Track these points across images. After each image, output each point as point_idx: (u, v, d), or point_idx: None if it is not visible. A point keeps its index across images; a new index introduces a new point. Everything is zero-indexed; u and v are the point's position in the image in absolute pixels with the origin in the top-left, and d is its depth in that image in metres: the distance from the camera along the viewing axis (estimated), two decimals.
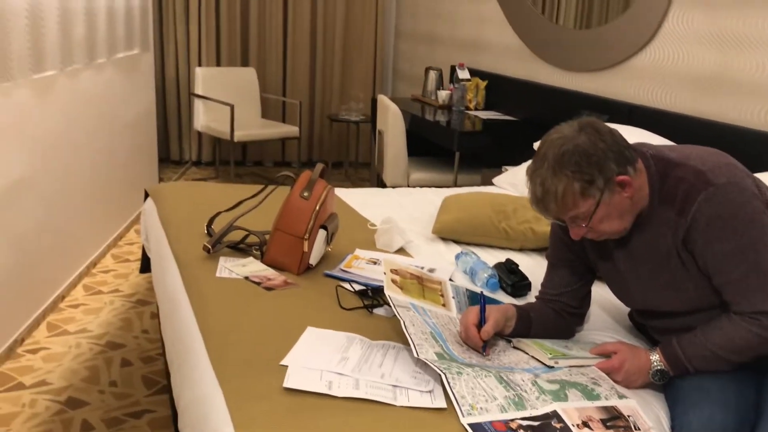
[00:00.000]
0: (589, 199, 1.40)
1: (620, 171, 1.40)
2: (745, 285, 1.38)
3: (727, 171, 1.41)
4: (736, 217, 1.36)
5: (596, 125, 1.42)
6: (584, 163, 1.37)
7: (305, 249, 1.94)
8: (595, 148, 1.38)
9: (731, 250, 1.38)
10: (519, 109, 4.01)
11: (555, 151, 1.39)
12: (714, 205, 1.38)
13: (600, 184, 1.38)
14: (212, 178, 5.45)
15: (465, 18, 4.70)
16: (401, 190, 3.02)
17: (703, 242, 1.40)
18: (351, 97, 5.87)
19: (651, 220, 1.48)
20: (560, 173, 1.38)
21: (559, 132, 1.43)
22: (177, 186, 2.71)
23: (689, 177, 1.42)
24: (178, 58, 5.55)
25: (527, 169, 1.45)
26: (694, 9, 2.79)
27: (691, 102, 2.81)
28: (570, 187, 1.38)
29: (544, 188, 1.40)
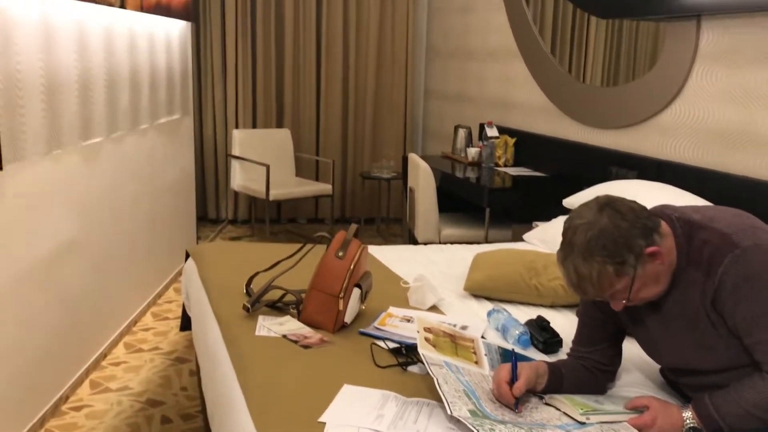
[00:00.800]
0: (624, 277, 1.44)
1: (648, 243, 1.44)
2: None
3: (752, 233, 1.45)
4: (763, 279, 1.40)
5: (614, 204, 1.46)
6: (612, 246, 1.41)
7: (340, 307, 2.00)
8: (618, 229, 1.42)
9: (759, 312, 1.40)
10: (548, 166, 4.07)
11: (581, 239, 1.43)
12: (740, 267, 1.41)
13: (632, 261, 1.43)
14: (248, 235, 5.57)
15: (493, 77, 4.83)
16: (433, 247, 3.08)
17: (731, 304, 1.43)
18: (382, 155, 6.00)
19: (680, 282, 1.52)
20: (591, 260, 1.42)
21: (581, 216, 1.47)
22: (216, 246, 2.81)
23: (714, 239, 1.46)
24: (216, 121, 5.76)
25: (557, 256, 1.50)
26: (716, 66, 2.85)
27: (719, 157, 2.84)
28: (604, 270, 1.43)
29: (579, 275, 1.45)
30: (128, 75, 3.37)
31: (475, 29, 5.08)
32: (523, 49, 4.36)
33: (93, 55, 2.95)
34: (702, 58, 2.94)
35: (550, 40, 4.13)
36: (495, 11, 4.75)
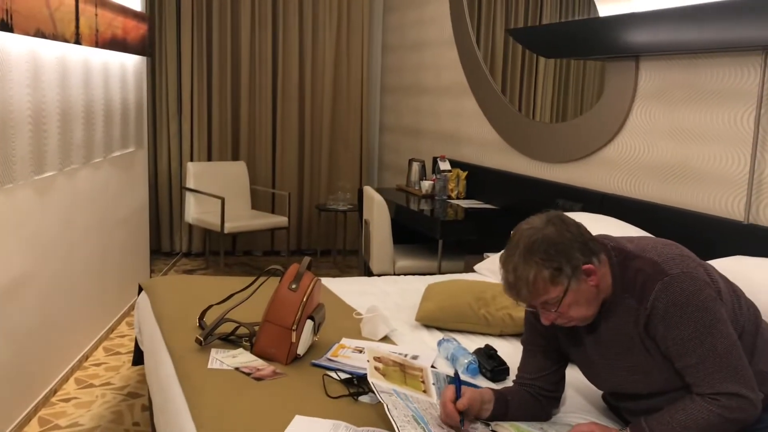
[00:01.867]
0: (558, 286, 1.52)
1: (586, 260, 1.53)
2: (703, 368, 1.49)
3: (680, 262, 1.54)
4: (690, 305, 1.49)
5: (563, 218, 1.56)
6: (552, 252, 1.49)
7: (293, 339, 2.04)
8: (562, 237, 1.51)
9: (688, 336, 1.49)
10: (498, 198, 4.18)
11: (525, 241, 1.52)
12: (670, 294, 1.50)
13: (568, 271, 1.50)
14: (202, 268, 5.55)
15: (445, 112, 4.95)
16: (387, 279, 3.14)
17: (663, 329, 1.52)
18: (338, 187, 6.06)
19: (615, 309, 1.60)
20: (530, 261, 1.50)
21: (530, 223, 1.56)
22: (169, 280, 2.81)
23: (646, 268, 1.55)
24: (171, 153, 5.76)
25: (500, 257, 1.58)
26: (654, 104, 3.00)
27: (658, 191, 2.98)
28: (540, 273, 1.50)
29: (516, 275, 1.52)
30: (82, 109, 3.38)
31: (428, 66, 5.22)
32: (473, 85, 4.50)
33: (47, 89, 2.96)
34: (641, 96, 3.09)
35: (501, 78, 4.27)
36: (446, 49, 4.89)
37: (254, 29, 5.77)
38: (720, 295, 1.54)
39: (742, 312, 1.59)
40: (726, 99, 2.64)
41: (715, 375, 1.49)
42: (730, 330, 1.50)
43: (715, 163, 2.68)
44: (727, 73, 2.63)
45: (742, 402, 1.47)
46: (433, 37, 5.11)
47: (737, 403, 1.47)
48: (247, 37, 5.73)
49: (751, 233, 2.48)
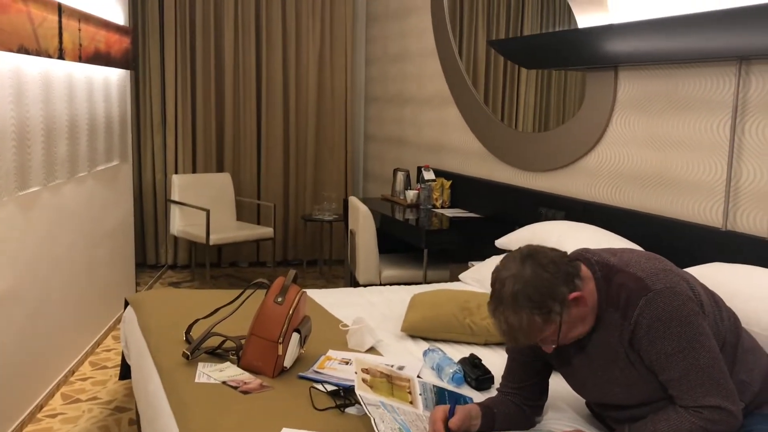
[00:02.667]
0: (552, 324, 1.54)
1: (570, 289, 1.54)
2: (686, 381, 1.53)
3: (663, 277, 1.57)
4: (674, 320, 1.52)
5: (537, 255, 1.56)
6: (537, 297, 1.51)
7: (280, 352, 2.05)
8: (542, 280, 1.52)
9: (672, 350, 1.52)
10: (482, 207, 4.22)
11: (508, 291, 1.53)
12: (653, 309, 1.53)
13: (557, 309, 1.52)
14: (188, 280, 5.54)
15: (429, 123, 4.99)
16: (372, 289, 3.16)
17: (647, 343, 1.55)
18: (324, 197, 6.08)
19: (600, 322, 1.63)
20: (519, 311, 1.51)
21: (507, 269, 1.56)
22: (155, 294, 2.82)
23: (630, 283, 1.58)
24: (155, 166, 5.75)
25: (488, 307, 1.59)
26: (633, 113, 3.05)
27: (638, 198, 3.03)
28: (532, 320, 1.52)
29: (509, 325, 1.54)
30: (67, 123, 3.38)
31: (411, 76, 5.26)
32: (456, 96, 4.54)
33: (31, 105, 2.97)
34: (620, 106, 3.14)
35: (483, 88, 4.32)
36: (429, 59, 4.94)
37: (238, 41, 5.79)
38: (702, 308, 1.57)
39: (723, 323, 1.63)
40: (703, 108, 2.69)
41: (698, 389, 1.52)
42: (712, 343, 1.53)
43: (693, 171, 2.74)
44: (703, 82, 2.68)
45: (724, 415, 1.50)
46: (416, 48, 5.16)
47: (719, 415, 1.50)
48: (231, 49, 5.75)
49: (729, 240, 2.53)
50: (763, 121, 2.44)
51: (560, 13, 3.59)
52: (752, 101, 2.48)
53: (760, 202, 2.46)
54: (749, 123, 2.49)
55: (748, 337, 1.70)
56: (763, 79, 2.43)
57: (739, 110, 2.52)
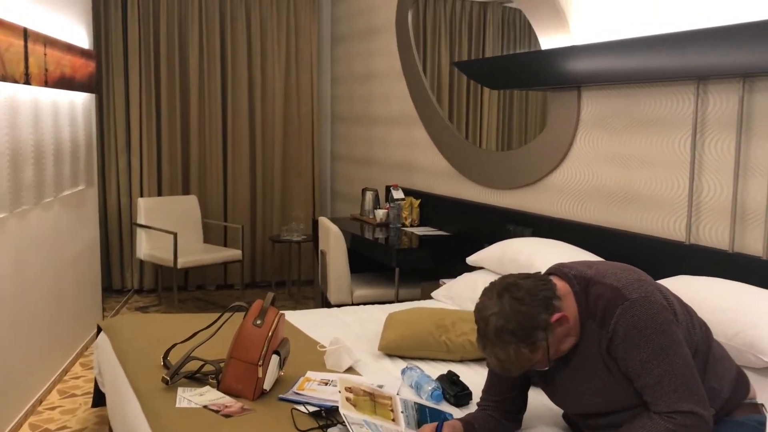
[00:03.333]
0: (539, 351, 1.61)
1: (550, 313, 1.60)
2: (660, 387, 1.58)
3: (639, 286, 1.64)
4: (649, 327, 1.58)
5: (511, 291, 1.61)
6: (520, 331, 1.57)
7: (260, 375, 2.06)
8: (520, 313, 1.58)
9: (647, 357, 1.58)
10: (451, 225, 4.28)
11: (492, 330, 1.59)
12: (629, 317, 1.59)
13: (542, 336, 1.59)
14: (155, 304, 5.48)
15: (396, 142, 5.05)
16: (346, 309, 3.18)
17: (623, 351, 1.61)
18: (292, 218, 6.08)
19: (581, 333, 1.68)
20: (506, 346, 1.58)
21: (486, 308, 1.61)
22: (128, 319, 2.79)
23: (607, 293, 1.64)
24: (120, 189, 5.70)
25: (478, 344, 1.64)
26: (596, 131, 3.15)
27: (604, 214, 3.11)
28: (519, 352, 1.58)
29: (499, 360, 1.61)
30: (32, 149, 3.34)
31: (377, 97, 5.32)
32: (423, 116, 4.61)
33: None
34: (584, 124, 3.23)
35: (448, 107, 4.40)
36: (395, 80, 5.00)
37: (203, 63, 5.78)
38: (676, 316, 1.64)
39: (695, 332, 1.69)
40: (664, 126, 2.79)
41: (671, 394, 1.57)
42: (685, 351, 1.59)
43: (656, 187, 2.83)
44: (664, 101, 2.79)
45: (696, 420, 1.56)
46: (382, 69, 5.22)
47: (692, 420, 1.56)
48: (196, 71, 5.75)
49: (693, 253, 2.62)
50: (721, 138, 2.54)
51: (520, 35, 3.69)
52: (710, 119, 2.58)
53: (720, 215, 2.56)
54: (708, 140, 2.59)
55: (718, 347, 1.77)
56: (720, 97, 2.54)
57: (699, 128, 2.62)
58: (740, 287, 2.21)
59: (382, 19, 5.18)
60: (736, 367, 1.78)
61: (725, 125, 2.52)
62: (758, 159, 2.41)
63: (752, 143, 2.43)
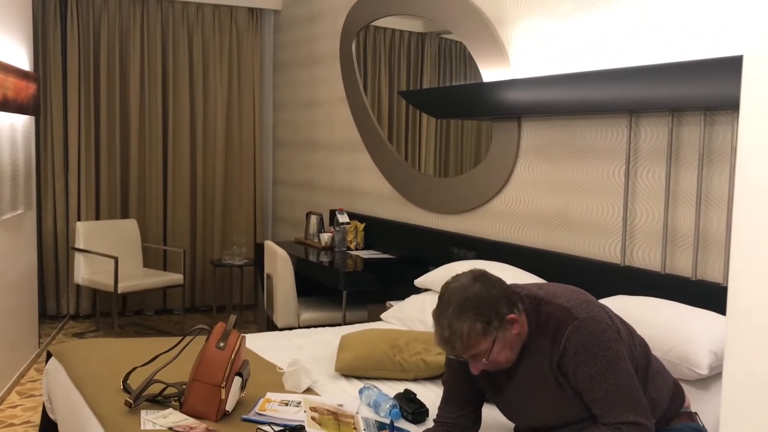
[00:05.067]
0: (488, 338, 1.70)
1: (509, 311, 1.73)
2: (608, 401, 1.72)
3: (586, 307, 1.78)
4: (596, 345, 1.72)
5: (487, 275, 1.75)
6: (483, 307, 1.69)
7: (223, 396, 2.10)
8: (489, 294, 1.71)
9: (595, 372, 1.71)
10: (396, 248, 4.39)
11: (457, 298, 1.69)
12: (578, 336, 1.73)
13: (496, 323, 1.70)
14: (92, 330, 5.36)
15: (340, 167, 5.15)
16: (298, 332, 3.23)
17: (573, 367, 1.73)
18: (233, 242, 6.07)
19: (530, 350, 1.80)
20: (464, 316, 1.68)
21: (458, 281, 1.74)
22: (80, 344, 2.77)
23: (557, 313, 1.77)
24: (56, 213, 5.58)
25: (432, 313, 1.74)
26: (536, 159, 3.33)
27: (544, 238, 3.28)
28: (473, 327, 1.68)
29: (451, 330, 1.69)
30: None
31: (321, 123, 5.42)
32: (367, 142, 4.73)
33: None
34: (524, 153, 3.41)
35: (387, 134, 4.53)
36: (339, 107, 5.11)
37: (143, 87, 5.76)
38: (620, 334, 1.78)
39: (636, 348, 1.84)
40: (599, 156, 2.99)
41: (617, 407, 1.71)
42: (629, 366, 1.74)
43: (593, 212, 3.02)
44: (599, 133, 2.99)
45: (640, 429, 1.70)
46: (325, 96, 5.33)
47: (637, 430, 1.70)
48: (137, 93, 5.71)
49: (628, 274, 2.80)
50: (652, 167, 2.75)
51: (457, 65, 3.88)
52: (642, 149, 2.79)
53: (652, 239, 2.75)
54: (640, 169, 2.79)
55: (656, 361, 1.92)
56: (651, 130, 2.75)
57: (632, 157, 2.83)
58: (673, 306, 2.40)
59: (325, 48, 5.29)
60: (672, 380, 1.94)
61: (656, 155, 2.73)
62: (686, 187, 2.62)
63: (680, 172, 2.64)
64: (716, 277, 2.51)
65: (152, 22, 5.74)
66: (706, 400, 2.13)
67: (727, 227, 2.46)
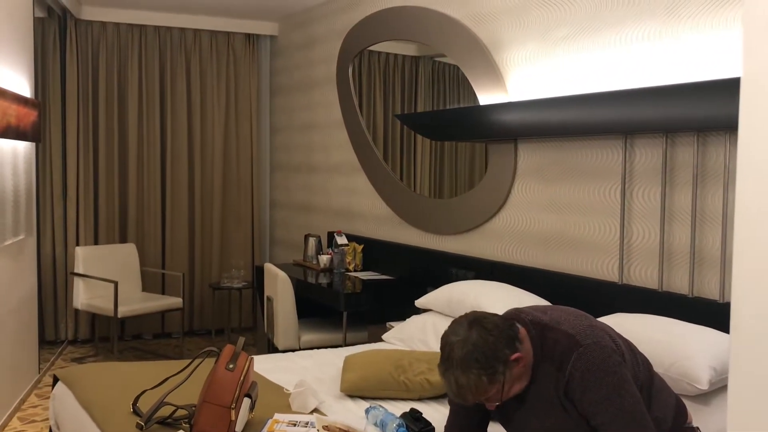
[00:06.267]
0: (496, 384, 1.75)
1: (511, 351, 1.77)
2: (614, 425, 1.75)
3: (591, 333, 1.82)
4: (601, 370, 1.76)
5: (482, 321, 1.78)
6: (483, 360, 1.72)
7: (233, 418, 2.13)
8: (487, 342, 1.74)
9: (601, 398, 1.75)
10: (395, 269, 4.44)
11: (458, 354, 1.73)
12: (584, 362, 1.77)
13: (501, 369, 1.74)
14: (91, 355, 5.36)
15: (337, 189, 5.21)
16: (302, 354, 3.26)
17: (579, 393, 1.77)
18: (231, 265, 6.10)
19: (536, 375, 1.84)
20: (468, 372, 1.72)
21: (455, 333, 1.77)
22: (87, 368, 2.80)
23: (563, 339, 1.81)
24: (55, 239, 5.60)
25: (439, 368, 1.78)
26: (532, 180, 3.39)
27: (542, 257, 3.34)
28: (479, 380, 1.72)
29: (459, 385, 1.74)
30: None
31: (318, 146, 5.48)
32: (364, 164, 4.79)
33: None
34: (521, 174, 3.48)
35: (383, 156, 4.60)
36: (336, 130, 5.18)
37: (142, 111, 5.82)
38: (624, 358, 1.82)
39: (639, 368, 1.88)
40: (595, 176, 3.05)
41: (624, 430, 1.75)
42: (634, 389, 1.78)
43: (590, 231, 3.08)
44: (595, 154, 3.06)
45: None
46: (323, 120, 5.40)
47: None
48: (135, 119, 5.77)
49: (625, 292, 2.86)
50: (647, 187, 2.81)
51: (450, 87, 3.96)
52: (637, 170, 2.86)
53: (649, 257, 2.81)
54: (636, 189, 2.86)
55: (659, 379, 1.96)
56: (645, 150, 2.82)
57: (627, 177, 2.90)
58: (671, 322, 2.45)
59: (321, 73, 5.38)
60: (674, 396, 1.98)
61: (651, 175, 2.80)
62: (681, 206, 2.69)
63: (675, 192, 2.71)
64: (713, 294, 2.57)
65: (150, 49, 5.82)
66: (707, 415, 2.18)
67: (722, 245, 2.52)
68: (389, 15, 4.40)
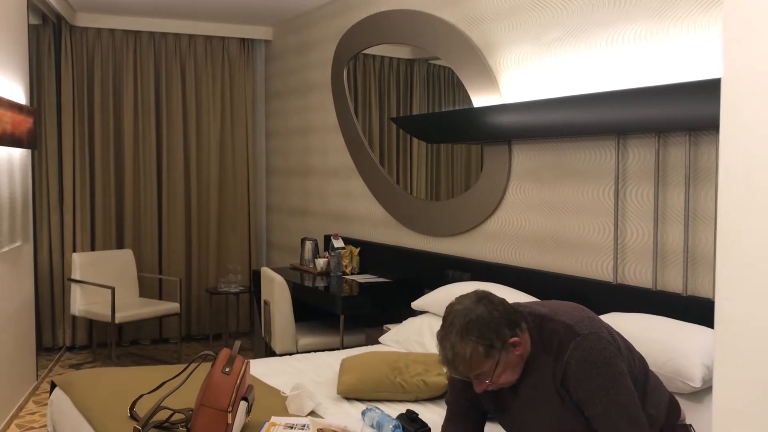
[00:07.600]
0: (490, 360, 1.76)
1: (512, 334, 1.78)
2: (608, 416, 1.77)
3: (588, 323, 1.84)
4: (598, 360, 1.77)
5: (490, 297, 1.81)
6: (485, 330, 1.74)
7: (229, 421, 2.14)
8: (492, 316, 1.76)
9: (596, 387, 1.77)
10: (391, 272, 4.45)
11: (460, 321, 1.75)
12: (580, 351, 1.78)
13: (498, 346, 1.75)
14: (89, 361, 5.36)
15: (333, 193, 5.22)
16: (298, 357, 3.27)
17: (575, 383, 1.79)
18: (228, 269, 6.11)
19: (534, 366, 1.86)
20: (467, 339, 1.73)
21: (461, 303, 1.79)
22: (83, 374, 2.80)
23: (560, 329, 1.83)
24: (52, 245, 5.60)
25: (437, 335, 1.80)
26: (527, 182, 3.41)
27: (537, 258, 3.35)
28: (476, 350, 1.73)
29: (454, 352, 1.75)
30: None
31: (314, 150, 5.50)
32: (360, 168, 4.81)
33: None
34: (515, 175, 3.50)
35: (379, 159, 4.61)
36: (332, 134, 5.20)
37: (137, 117, 5.83)
38: (620, 350, 1.84)
39: (635, 364, 1.90)
40: (589, 177, 3.07)
41: (618, 422, 1.76)
42: (629, 382, 1.79)
43: (584, 232, 3.09)
44: (588, 154, 3.07)
45: None
46: (318, 123, 5.41)
47: None
48: (131, 125, 5.78)
49: (620, 292, 2.87)
50: (640, 187, 2.83)
51: (445, 90, 3.98)
52: (630, 170, 2.88)
53: (642, 257, 2.83)
54: (629, 189, 2.88)
55: (654, 377, 1.98)
56: (638, 151, 2.84)
57: (621, 178, 2.91)
58: (666, 321, 2.47)
59: (316, 77, 5.39)
60: (668, 393, 1.99)
61: (644, 175, 2.82)
62: (674, 205, 2.70)
63: (668, 191, 2.73)
64: (706, 293, 2.59)
65: (145, 54, 5.83)
66: (699, 413, 2.19)
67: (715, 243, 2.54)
68: (383, 18, 4.43)
